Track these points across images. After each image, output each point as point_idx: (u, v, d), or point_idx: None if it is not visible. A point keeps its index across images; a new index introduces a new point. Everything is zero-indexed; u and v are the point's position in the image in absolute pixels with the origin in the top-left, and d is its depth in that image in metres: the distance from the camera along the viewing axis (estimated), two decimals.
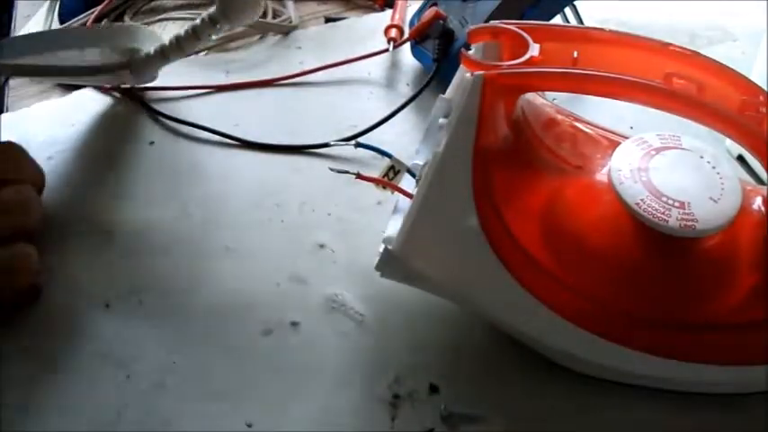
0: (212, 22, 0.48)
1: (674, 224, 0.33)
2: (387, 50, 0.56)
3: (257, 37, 0.60)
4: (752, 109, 0.33)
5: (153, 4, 0.63)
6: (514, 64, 0.33)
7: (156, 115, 0.52)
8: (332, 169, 0.41)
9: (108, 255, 0.43)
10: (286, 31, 0.60)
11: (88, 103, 0.53)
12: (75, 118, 0.52)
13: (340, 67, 0.56)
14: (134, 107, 0.52)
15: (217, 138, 0.51)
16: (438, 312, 0.40)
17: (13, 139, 0.43)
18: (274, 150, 0.50)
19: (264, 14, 0.61)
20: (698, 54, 0.34)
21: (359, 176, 0.38)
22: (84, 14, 0.60)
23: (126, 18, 0.61)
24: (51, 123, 0.51)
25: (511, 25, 0.36)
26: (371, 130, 0.50)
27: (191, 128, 0.51)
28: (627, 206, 0.33)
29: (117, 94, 0.54)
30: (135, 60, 0.50)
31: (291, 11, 0.62)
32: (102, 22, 0.60)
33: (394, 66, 0.57)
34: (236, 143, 0.50)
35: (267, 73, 0.56)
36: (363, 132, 0.50)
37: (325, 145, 0.49)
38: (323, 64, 0.56)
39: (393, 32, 0.57)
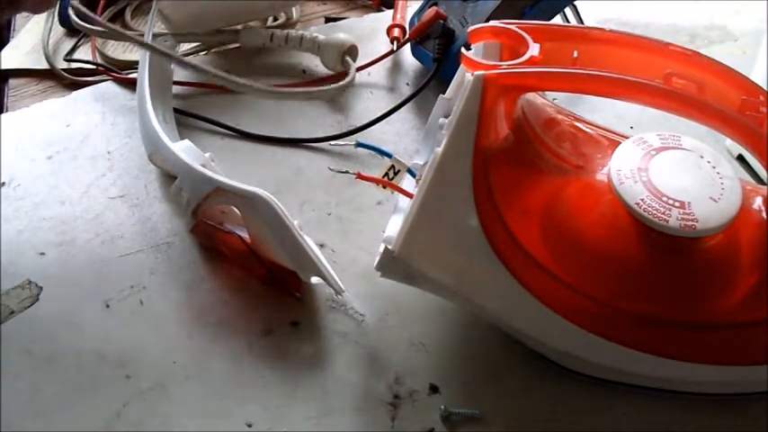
0: None
1: (674, 224, 0.33)
2: (392, 52, 0.56)
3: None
4: (752, 109, 0.33)
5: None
6: (514, 64, 0.33)
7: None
8: (332, 169, 0.41)
9: (108, 253, 0.43)
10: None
11: (87, 103, 0.53)
12: (74, 118, 0.52)
13: None
14: (133, 103, 0.52)
15: (217, 138, 0.51)
16: (438, 312, 0.40)
17: (13, 139, 0.42)
18: (274, 143, 0.50)
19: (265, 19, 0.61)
20: (698, 54, 0.34)
21: (359, 176, 0.38)
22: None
23: (126, 16, 0.61)
24: (50, 123, 0.51)
25: (511, 25, 0.36)
26: (369, 126, 0.50)
27: (191, 127, 0.51)
28: (627, 206, 0.33)
29: (118, 90, 0.54)
30: None
31: (293, 11, 0.62)
32: None
33: (394, 66, 0.57)
34: (237, 142, 0.50)
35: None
36: (362, 128, 0.50)
37: (326, 139, 0.49)
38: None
39: (396, 32, 0.56)
